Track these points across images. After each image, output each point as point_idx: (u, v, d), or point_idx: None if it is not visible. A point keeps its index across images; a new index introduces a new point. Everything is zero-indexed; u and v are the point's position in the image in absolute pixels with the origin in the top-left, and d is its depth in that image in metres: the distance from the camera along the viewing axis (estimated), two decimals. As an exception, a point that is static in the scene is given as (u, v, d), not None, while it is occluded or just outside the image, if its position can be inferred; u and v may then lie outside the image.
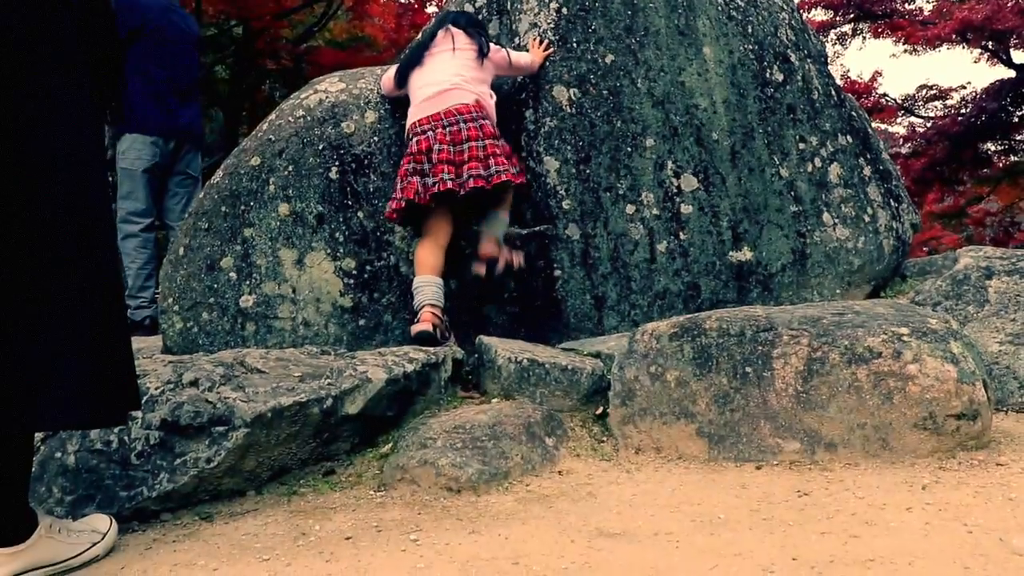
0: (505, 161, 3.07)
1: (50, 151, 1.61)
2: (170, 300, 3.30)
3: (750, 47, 3.55)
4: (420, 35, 3.52)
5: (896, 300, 3.19)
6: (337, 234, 3.27)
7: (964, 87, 18.57)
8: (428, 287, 3.04)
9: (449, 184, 3.01)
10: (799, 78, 3.60)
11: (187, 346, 3.24)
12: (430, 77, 3.21)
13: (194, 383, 2.31)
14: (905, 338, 2.19)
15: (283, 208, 3.29)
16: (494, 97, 3.30)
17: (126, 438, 2.16)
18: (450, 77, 3.17)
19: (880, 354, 2.17)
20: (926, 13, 17.93)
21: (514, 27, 3.53)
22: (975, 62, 18.56)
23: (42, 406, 1.56)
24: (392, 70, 3.39)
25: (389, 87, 3.40)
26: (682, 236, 3.34)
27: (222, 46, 14.96)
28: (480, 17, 3.57)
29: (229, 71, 15.57)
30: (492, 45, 3.31)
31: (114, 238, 1.79)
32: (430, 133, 3.10)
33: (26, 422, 1.58)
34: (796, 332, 2.28)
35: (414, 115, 3.18)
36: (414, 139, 3.13)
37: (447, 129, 3.08)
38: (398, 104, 3.43)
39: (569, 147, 3.36)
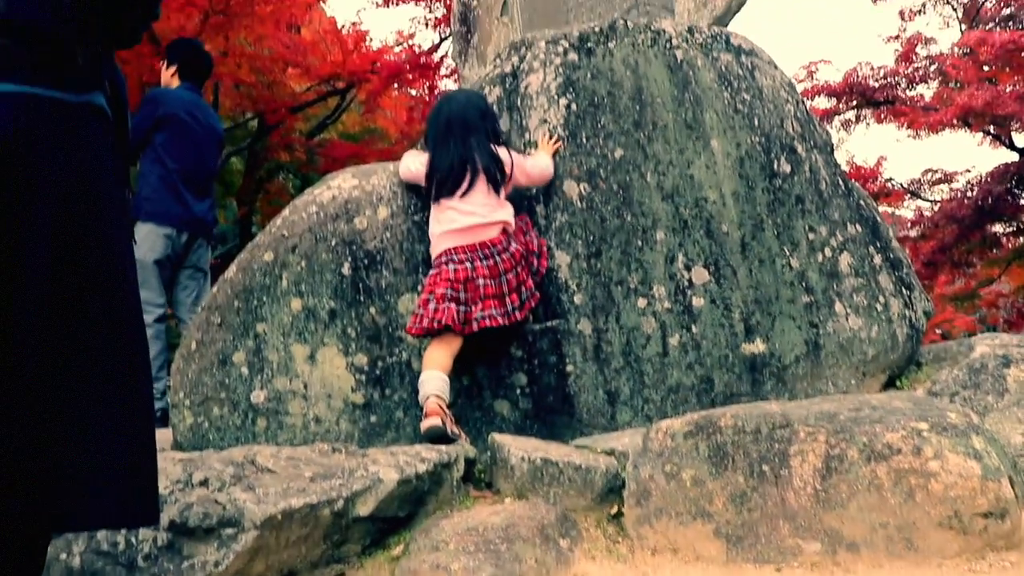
0: (532, 285, 3.24)
1: (99, 262, 1.62)
2: (181, 394, 3.30)
3: (757, 139, 3.59)
4: (440, 129, 3.50)
5: (912, 392, 3.16)
6: (349, 330, 3.28)
7: (969, 170, 18.76)
8: (433, 380, 3.03)
9: (500, 320, 3.13)
10: (806, 169, 3.63)
11: (197, 442, 3.22)
12: (457, 204, 3.27)
13: (204, 483, 2.29)
14: (925, 433, 2.17)
15: (296, 303, 3.30)
16: (509, 205, 3.38)
17: (133, 539, 2.13)
18: (478, 208, 3.26)
19: (900, 450, 2.14)
20: (927, 99, 18.21)
21: (524, 123, 3.59)
22: (978, 145, 18.78)
23: (78, 505, 1.54)
24: (416, 162, 3.45)
25: (409, 177, 3.48)
26: (694, 329, 3.33)
27: (237, 138, 15.25)
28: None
29: (244, 163, 15.83)
30: (513, 158, 3.37)
31: (144, 337, 1.79)
32: (468, 264, 3.18)
33: (61, 521, 1.55)
34: (813, 428, 2.26)
35: (447, 241, 3.25)
36: (451, 266, 3.18)
37: (484, 262, 3.18)
38: (410, 199, 3.47)
39: (580, 242, 3.38)
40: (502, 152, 3.36)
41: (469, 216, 3.25)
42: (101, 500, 1.56)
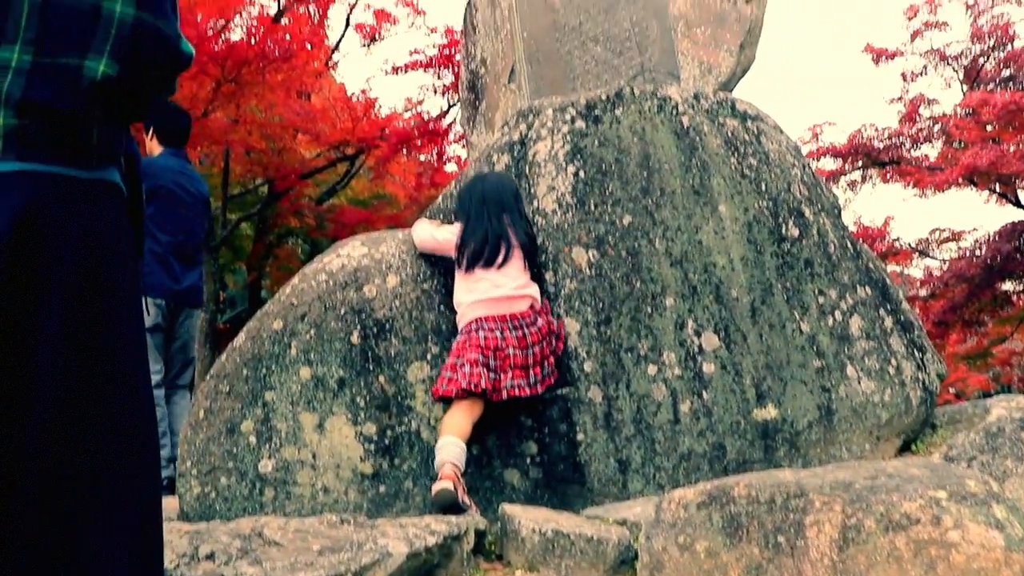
0: (553, 359, 3.29)
1: (111, 341, 1.62)
2: (188, 464, 3.27)
3: (765, 204, 3.60)
4: (468, 199, 3.54)
5: (929, 457, 3.12)
6: (358, 399, 3.26)
7: (976, 229, 18.82)
8: (451, 447, 3.02)
9: (527, 391, 3.18)
10: (815, 232, 3.63)
11: (204, 512, 3.19)
12: (489, 275, 3.33)
13: (210, 556, 2.26)
14: (944, 502, 2.13)
15: (304, 372, 3.29)
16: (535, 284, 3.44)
17: (139, 620, 2.09)
18: (510, 282, 3.33)
19: (918, 520, 2.10)
20: (932, 159, 18.33)
21: (533, 190, 3.61)
22: (984, 203, 18.83)
23: None
24: (444, 231, 3.49)
25: (433, 246, 3.50)
26: (705, 395, 3.30)
27: (248, 204, 15.40)
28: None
29: (254, 228, 15.96)
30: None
31: (154, 413, 1.78)
32: (498, 333, 3.22)
33: None
34: (828, 498, 2.22)
35: (479, 309, 3.29)
36: (481, 333, 3.22)
37: (514, 333, 3.23)
38: (419, 267, 3.48)
39: (589, 309, 3.38)
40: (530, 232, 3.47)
41: (502, 288, 3.31)
42: None
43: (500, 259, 3.33)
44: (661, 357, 3.33)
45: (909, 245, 19.74)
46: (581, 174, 3.57)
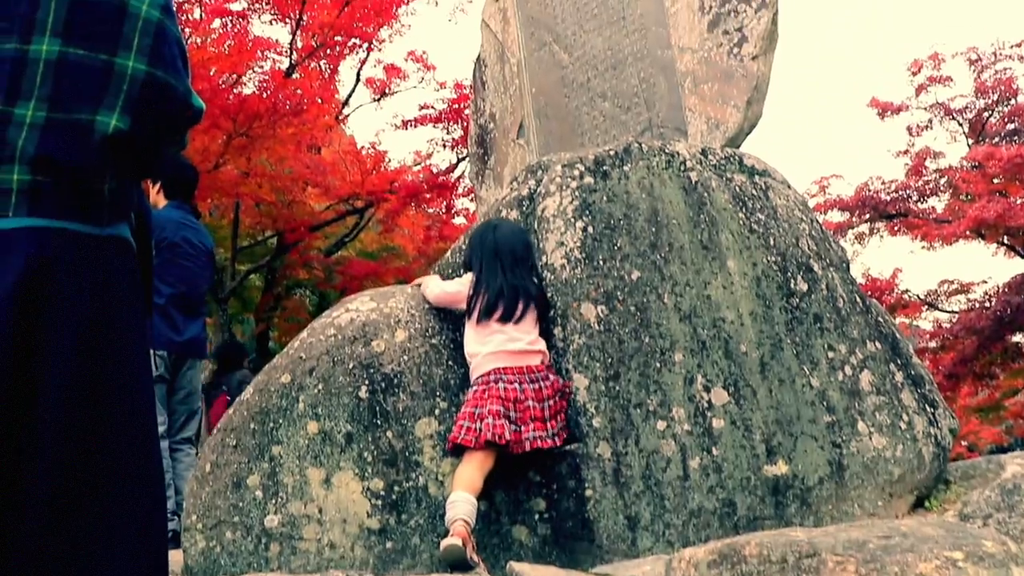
0: (565, 418, 3.30)
1: (119, 394, 1.63)
2: (193, 517, 3.25)
3: (773, 259, 3.61)
4: (482, 252, 3.54)
5: (943, 516, 3.08)
6: (366, 454, 3.24)
7: (985, 281, 18.77)
8: (463, 503, 2.99)
9: (548, 443, 3.18)
10: (823, 287, 3.63)
11: (209, 567, 3.16)
12: (503, 328, 3.34)
13: (215, 618, 2.23)
14: (960, 563, 2.10)
15: (312, 426, 3.28)
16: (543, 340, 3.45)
17: None
18: (523, 336, 3.35)
19: (933, 582, 2.07)
20: (939, 211, 18.38)
21: (542, 246, 3.62)
22: (992, 256, 18.84)
23: None
24: (455, 284, 3.52)
25: (445, 299, 3.53)
26: (715, 451, 3.28)
27: (257, 255, 15.49)
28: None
29: (263, 279, 16.03)
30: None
31: (160, 466, 1.78)
32: (517, 385, 3.23)
33: None
34: (842, 558, 2.19)
35: (496, 361, 3.29)
36: (501, 385, 3.22)
37: (532, 386, 3.25)
38: (427, 322, 3.48)
39: (598, 364, 3.37)
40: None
41: (518, 341, 3.32)
42: None
43: (517, 313, 3.35)
44: (670, 412, 3.31)
45: (918, 297, 19.71)
46: (590, 229, 3.58)
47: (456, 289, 3.49)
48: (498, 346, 3.31)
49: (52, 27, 1.68)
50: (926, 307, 19.95)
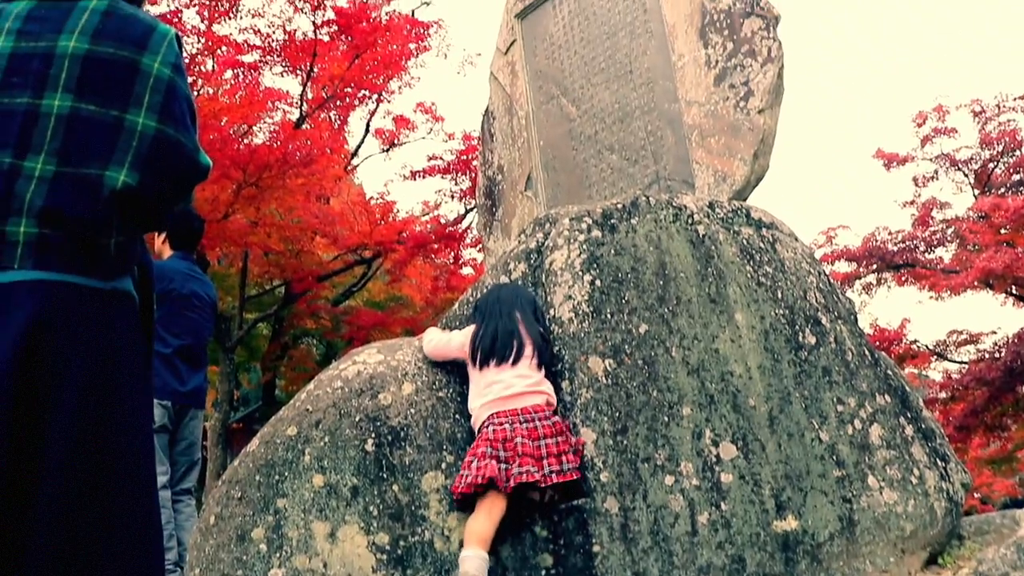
0: (574, 457, 3.24)
1: (120, 447, 1.64)
2: (197, 571, 3.22)
3: (781, 312, 3.61)
4: (483, 305, 3.60)
5: (958, 574, 3.03)
6: (371, 507, 3.22)
7: (995, 332, 18.69)
8: (474, 559, 2.98)
9: (536, 476, 3.12)
10: (832, 340, 3.62)
11: (212, 622, 3.12)
12: (500, 376, 3.35)
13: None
14: (972, 626, 2.06)
15: (318, 479, 3.26)
16: (550, 383, 3.44)
17: None
18: (520, 381, 3.34)
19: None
20: (946, 261, 18.39)
21: (549, 299, 3.63)
22: (1001, 305, 18.80)
23: None
24: (458, 336, 3.51)
25: (447, 354, 3.52)
26: (724, 506, 3.24)
27: (264, 304, 15.53)
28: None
29: (270, 328, 16.05)
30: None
31: (159, 516, 1.77)
32: (507, 425, 3.22)
33: None
34: (854, 619, 2.16)
35: (491, 407, 3.30)
36: (490, 428, 3.23)
37: (524, 425, 3.22)
38: (435, 375, 3.48)
39: (606, 418, 3.35)
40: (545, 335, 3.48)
41: (513, 387, 3.32)
42: None
43: (512, 355, 3.35)
44: (678, 467, 3.29)
45: (927, 347, 19.63)
46: (597, 283, 3.59)
47: (458, 341, 3.50)
48: (494, 395, 3.31)
49: (65, 83, 1.71)
50: (935, 357, 19.86)
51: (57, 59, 1.73)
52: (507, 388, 3.32)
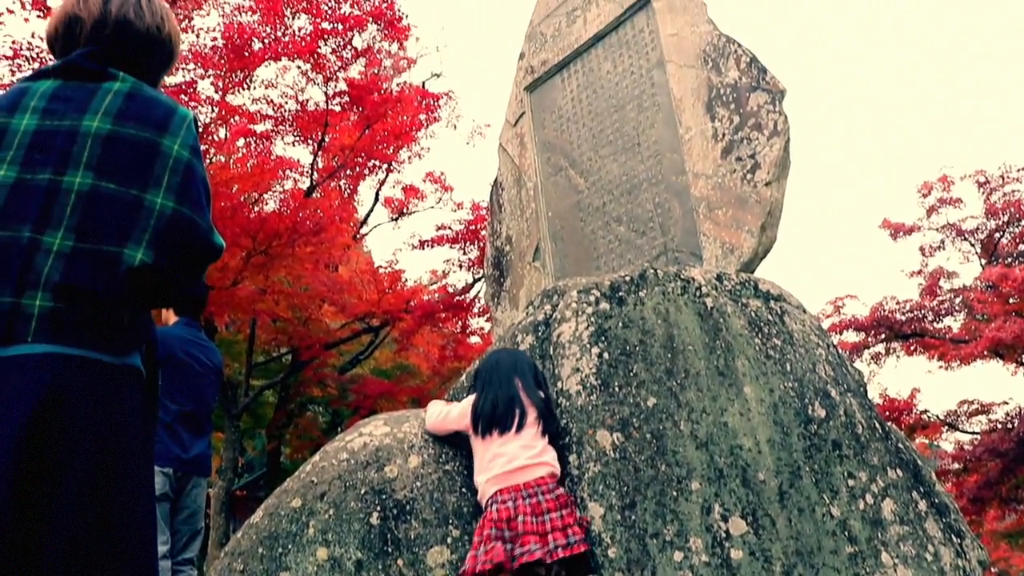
0: (580, 530, 3.18)
1: (124, 519, 1.63)
2: (199, 649, 3.16)
3: (790, 385, 3.59)
4: (485, 376, 3.57)
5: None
6: (375, 583, 3.17)
7: (1007, 402, 18.54)
8: None
9: (538, 554, 3.06)
10: (841, 413, 3.60)
11: None
12: (504, 448, 3.32)
13: None
14: None
15: (321, 552, 3.21)
16: (554, 451, 3.39)
17: None
18: (523, 452, 3.30)
19: None
20: (955, 331, 18.33)
21: (557, 371, 3.62)
22: (1012, 375, 18.67)
23: None
24: (456, 409, 3.48)
25: (447, 427, 3.49)
26: (735, 584, 3.18)
27: (271, 371, 15.51)
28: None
29: (276, 395, 16.01)
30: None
31: None
32: (510, 504, 3.18)
33: None
34: None
35: (495, 483, 3.27)
36: (495, 507, 3.20)
37: (527, 501, 3.18)
38: (441, 448, 3.45)
39: (614, 493, 3.31)
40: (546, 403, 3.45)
41: (516, 460, 3.28)
42: None
43: (514, 423, 3.32)
44: (687, 543, 3.24)
45: (937, 417, 19.46)
46: (605, 355, 3.58)
47: (458, 414, 3.48)
48: (495, 470, 3.28)
49: (87, 161, 1.75)
50: (946, 428, 19.68)
51: (80, 138, 1.78)
52: (510, 461, 3.28)
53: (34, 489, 1.54)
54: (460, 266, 16.13)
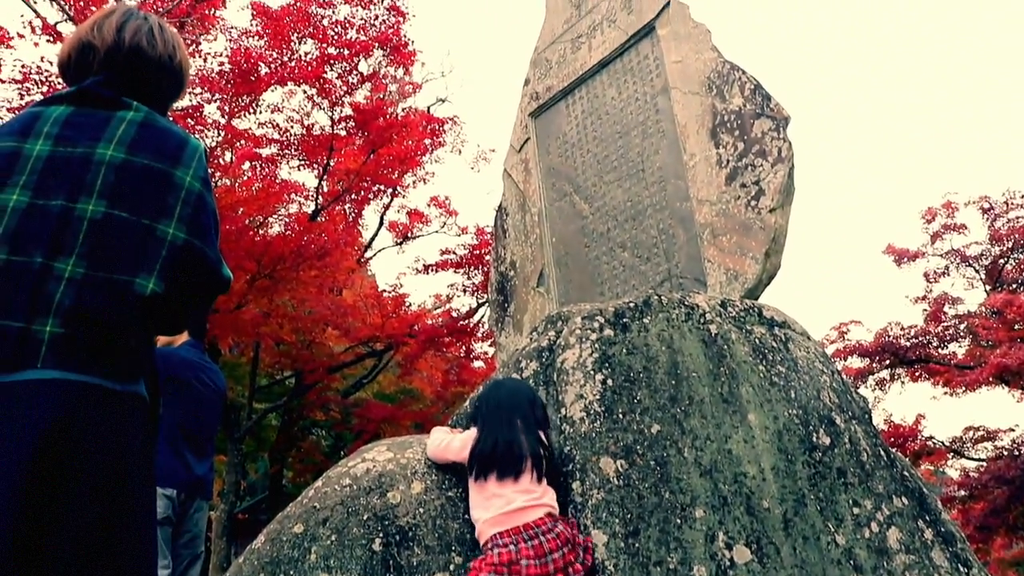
0: (581, 568, 3.15)
1: (127, 546, 1.64)
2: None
3: (795, 412, 3.58)
4: (483, 408, 3.55)
5: None
6: (378, 610, 3.15)
7: (1013, 429, 18.47)
8: None
9: None
10: (846, 440, 3.58)
11: None
12: (502, 491, 3.28)
13: None
14: None
15: (323, 579, 3.20)
16: (552, 491, 3.36)
17: None
18: (521, 494, 3.26)
19: None
20: (960, 356, 18.31)
21: (560, 398, 3.61)
22: (1017, 402, 18.62)
23: None
24: (457, 440, 3.46)
25: (446, 457, 3.47)
26: (740, 613, 3.16)
27: (274, 395, 15.50)
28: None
29: (279, 418, 16.00)
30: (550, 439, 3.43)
31: None
32: (512, 547, 3.14)
33: None
34: None
35: (494, 525, 3.23)
36: (495, 550, 3.15)
37: (529, 543, 3.14)
38: (444, 474, 3.44)
39: (617, 520, 3.30)
40: (546, 438, 3.40)
41: (513, 502, 3.24)
42: None
43: (512, 471, 3.28)
44: (691, 571, 3.22)
45: (943, 444, 19.39)
46: (609, 382, 3.57)
47: (458, 447, 3.45)
48: (494, 511, 3.24)
49: (100, 189, 1.77)
50: (952, 454, 19.60)
51: (94, 165, 1.79)
52: (509, 503, 3.24)
53: (40, 514, 1.54)
54: (464, 291, 16.16)
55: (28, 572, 1.52)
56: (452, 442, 3.49)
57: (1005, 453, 17.85)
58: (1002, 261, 18.93)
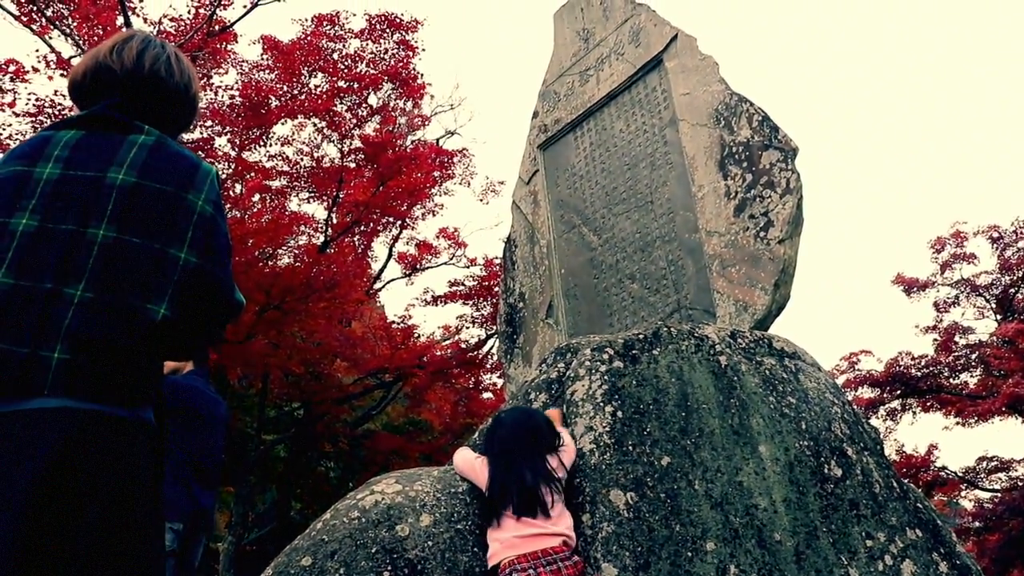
0: None
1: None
2: None
3: (806, 443, 3.55)
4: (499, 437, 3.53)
5: None
6: (386, 645, 3.12)
7: (1029, 459, 18.31)
8: None
9: None
10: (858, 471, 3.55)
11: None
12: (517, 523, 3.26)
13: None
14: None
15: (332, 614, 3.17)
16: (569, 517, 3.33)
17: None
18: (536, 523, 3.23)
19: None
20: (971, 386, 18.19)
21: (571, 430, 3.59)
22: (1030, 432, 18.50)
23: None
24: (481, 462, 3.45)
25: (475, 479, 3.47)
26: (752, 648, 3.13)
27: (283, 426, 15.47)
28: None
29: (287, 449, 15.95)
30: (562, 458, 3.38)
31: None
32: (531, 571, 3.12)
33: None
34: None
35: (510, 549, 3.20)
36: (513, 574, 3.13)
37: (548, 568, 3.12)
38: (453, 507, 3.42)
39: (627, 553, 3.27)
40: (554, 460, 3.37)
41: (528, 528, 3.22)
42: None
43: (525, 509, 3.25)
44: (704, 606, 3.19)
45: (956, 474, 19.21)
46: (619, 414, 3.56)
47: (481, 469, 3.44)
48: (512, 532, 3.22)
49: (111, 213, 1.75)
50: (965, 485, 19.42)
51: (105, 189, 1.78)
52: (527, 527, 3.23)
53: (46, 544, 1.53)
54: (473, 322, 16.16)
55: None
56: (477, 466, 3.46)
57: (1020, 483, 17.68)
58: (1013, 290, 18.86)
